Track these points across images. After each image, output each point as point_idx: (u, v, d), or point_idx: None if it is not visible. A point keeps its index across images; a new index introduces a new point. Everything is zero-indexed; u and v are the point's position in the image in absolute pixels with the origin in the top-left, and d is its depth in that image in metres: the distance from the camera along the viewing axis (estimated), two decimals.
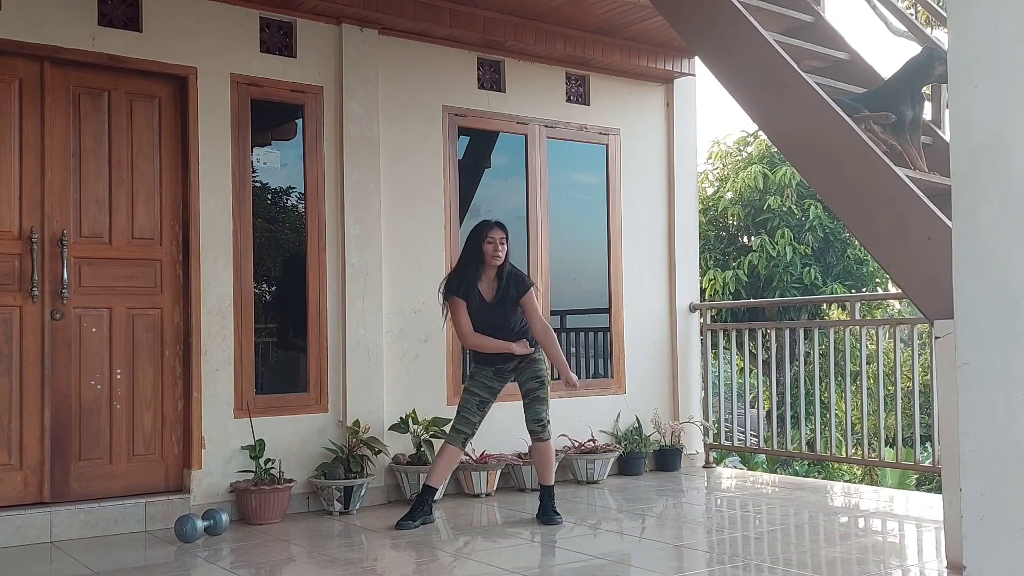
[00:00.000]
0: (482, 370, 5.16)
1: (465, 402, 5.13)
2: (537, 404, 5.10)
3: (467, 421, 5.10)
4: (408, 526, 4.91)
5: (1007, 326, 1.94)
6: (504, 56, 6.43)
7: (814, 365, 6.70)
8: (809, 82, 4.36)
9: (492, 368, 5.16)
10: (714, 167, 12.09)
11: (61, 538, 4.77)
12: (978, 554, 1.97)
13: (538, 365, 5.15)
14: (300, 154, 5.69)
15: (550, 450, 5.17)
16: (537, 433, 5.11)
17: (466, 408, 5.11)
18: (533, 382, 5.12)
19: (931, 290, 3.85)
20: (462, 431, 5.09)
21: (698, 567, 4.25)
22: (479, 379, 5.14)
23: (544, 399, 5.11)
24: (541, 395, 5.11)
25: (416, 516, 4.97)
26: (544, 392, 5.12)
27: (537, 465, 5.21)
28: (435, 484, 5.10)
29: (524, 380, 5.15)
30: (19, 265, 4.89)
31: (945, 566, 4.05)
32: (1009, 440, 1.92)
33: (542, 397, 5.11)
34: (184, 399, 5.26)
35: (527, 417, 5.13)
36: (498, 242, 5.06)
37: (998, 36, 1.98)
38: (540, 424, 5.09)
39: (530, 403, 5.12)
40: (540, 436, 5.11)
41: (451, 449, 5.09)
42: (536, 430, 5.10)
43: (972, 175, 2.01)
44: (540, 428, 5.09)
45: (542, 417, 5.09)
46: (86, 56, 5.01)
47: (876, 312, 10.85)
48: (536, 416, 5.10)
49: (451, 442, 5.09)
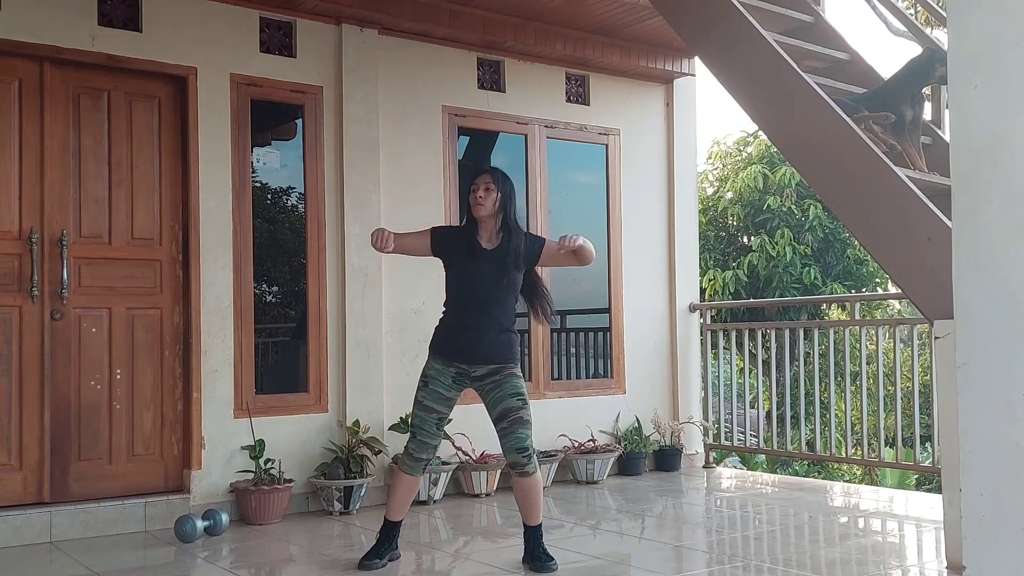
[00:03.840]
0: (441, 373, 4.05)
1: (421, 421, 4.07)
2: (520, 428, 4.00)
3: (425, 446, 4.08)
4: (374, 565, 4.09)
5: (1007, 326, 1.94)
6: (504, 56, 6.43)
7: (814, 365, 6.70)
8: (809, 82, 4.36)
9: (454, 369, 4.05)
10: (714, 167, 12.10)
11: (61, 538, 4.77)
12: (978, 554, 1.97)
13: (517, 380, 4.06)
14: (300, 154, 5.69)
15: (538, 485, 4.08)
16: (521, 466, 4.01)
17: (422, 429, 4.07)
18: (514, 400, 4.01)
19: (931, 290, 3.85)
20: (421, 458, 4.10)
21: (698, 567, 4.25)
22: (436, 388, 4.05)
23: (528, 422, 4.02)
24: (524, 416, 4.01)
25: (383, 553, 4.15)
26: (528, 414, 4.03)
27: (521, 505, 4.10)
28: (397, 518, 4.21)
29: (499, 397, 4.02)
30: (19, 265, 4.89)
31: (945, 566, 4.04)
32: (1009, 440, 1.92)
33: (525, 419, 4.01)
34: (184, 399, 5.26)
35: (506, 445, 4.02)
36: (481, 188, 4.10)
37: (998, 36, 1.98)
38: (525, 454, 4.00)
39: (509, 427, 4.00)
40: (524, 469, 4.01)
41: (409, 479, 4.15)
42: (520, 462, 4.00)
43: (972, 175, 2.01)
44: (525, 459, 4.00)
45: (526, 445, 4.00)
46: (86, 56, 5.01)
47: (876, 312, 10.86)
48: (519, 444, 3.99)
49: (410, 471, 4.13)
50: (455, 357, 4.05)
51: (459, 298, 4.09)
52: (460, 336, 4.06)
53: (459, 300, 4.09)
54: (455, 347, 4.05)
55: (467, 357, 4.04)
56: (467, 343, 4.04)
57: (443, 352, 4.08)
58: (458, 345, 4.05)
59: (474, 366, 4.04)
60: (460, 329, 4.07)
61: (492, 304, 4.04)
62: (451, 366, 4.05)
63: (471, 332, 4.04)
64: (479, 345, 4.03)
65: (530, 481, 4.05)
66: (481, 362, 4.04)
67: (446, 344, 4.08)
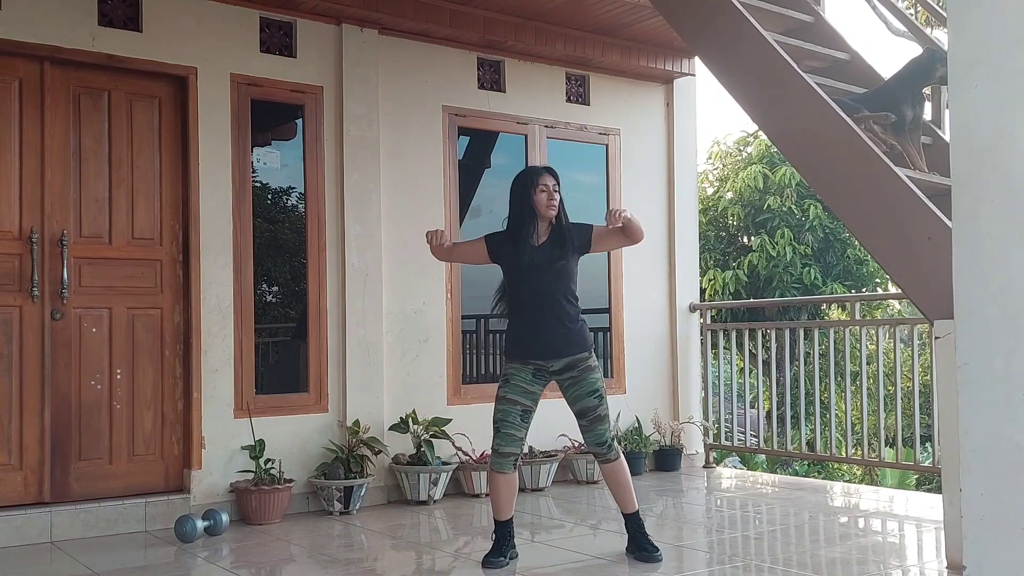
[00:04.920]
0: (519, 371, 4.12)
1: (504, 414, 4.08)
2: (598, 425, 4.15)
3: (511, 438, 4.07)
4: (499, 563, 4.08)
5: (1007, 326, 1.94)
6: (504, 56, 6.43)
7: (814, 365, 6.70)
8: (809, 82, 4.36)
9: (532, 367, 4.13)
10: (714, 167, 12.10)
11: (61, 538, 4.77)
12: (978, 554, 1.97)
13: (594, 375, 4.15)
14: (300, 154, 5.69)
15: (624, 469, 4.22)
16: (603, 455, 4.19)
17: (506, 422, 4.08)
18: (591, 399, 4.14)
19: (931, 290, 3.85)
20: (508, 453, 4.08)
21: (698, 567, 4.25)
22: (517, 383, 4.11)
23: (605, 417, 4.17)
24: (602, 413, 4.15)
25: (504, 551, 4.13)
26: (605, 409, 4.17)
27: (612, 490, 4.27)
28: (505, 517, 4.16)
29: (577, 395, 4.15)
30: (19, 265, 4.89)
31: (945, 566, 4.04)
32: (1009, 440, 1.92)
33: (603, 415, 4.15)
34: (184, 399, 5.26)
35: (587, 439, 4.22)
36: (551, 189, 4.17)
37: (998, 37, 1.98)
38: (605, 446, 4.17)
39: (589, 425, 4.16)
40: (607, 456, 4.18)
41: (504, 478, 4.11)
42: (601, 452, 4.19)
43: (972, 175, 2.01)
44: (606, 450, 4.18)
45: (605, 439, 4.16)
46: (86, 56, 5.01)
47: (876, 312, 10.85)
48: (599, 439, 4.16)
49: (500, 469, 4.09)
50: (530, 356, 4.12)
51: (520, 298, 4.14)
52: (528, 334, 4.12)
53: (520, 300, 4.15)
54: (527, 346, 4.11)
55: (540, 354, 4.10)
56: (537, 340, 4.10)
57: (517, 354, 4.14)
58: (529, 344, 4.11)
59: (549, 361, 4.12)
60: (527, 328, 4.13)
61: (552, 299, 4.10)
62: (528, 364, 4.12)
63: (539, 330, 4.10)
64: (548, 341, 4.09)
65: (614, 466, 4.20)
66: (554, 357, 4.11)
67: (518, 345, 4.14)
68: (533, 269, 4.08)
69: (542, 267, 4.08)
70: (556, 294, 4.10)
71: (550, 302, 4.09)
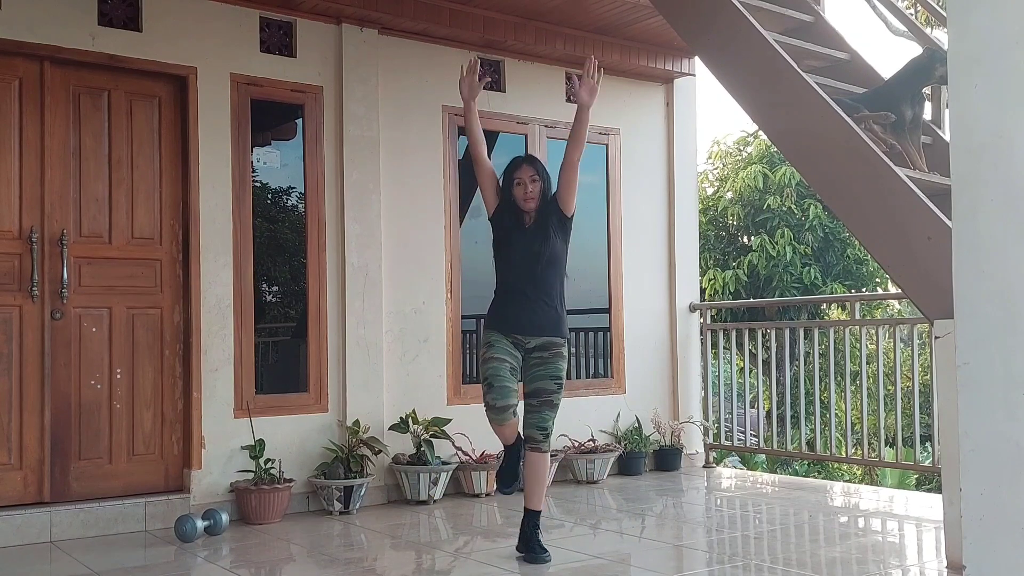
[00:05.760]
0: (500, 339, 4.17)
1: (495, 369, 4.11)
2: (547, 409, 4.20)
3: (506, 391, 4.11)
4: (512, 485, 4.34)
5: (1007, 326, 1.94)
6: (504, 56, 6.43)
7: (814, 365, 6.70)
8: (809, 82, 4.36)
9: (511, 339, 4.19)
10: (714, 167, 12.09)
11: (61, 538, 4.77)
12: (978, 554, 1.97)
13: (562, 363, 4.23)
14: (300, 154, 5.69)
15: (546, 464, 4.28)
16: (537, 442, 4.20)
17: (499, 375, 4.11)
18: (551, 383, 4.19)
19: (931, 290, 3.85)
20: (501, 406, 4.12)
21: (698, 567, 4.25)
22: (499, 346, 4.17)
23: (556, 406, 4.22)
24: (555, 400, 4.21)
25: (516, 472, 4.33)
26: (559, 398, 4.23)
27: (527, 481, 4.23)
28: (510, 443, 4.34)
29: (541, 375, 4.19)
30: (19, 265, 4.89)
31: (945, 566, 4.05)
32: (1009, 440, 1.92)
33: (555, 403, 4.21)
34: (184, 399, 5.26)
35: (529, 421, 4.22)
36: (527, 182, 4.21)
37: (998, 36, 1.98)
38: (544, 432, 4.20)
39: (539, 406, 4.20)
40: (540, 446, 4.21)
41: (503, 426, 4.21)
42: (537, 438, 4.20)
43: (972, 175, 2.01)
44: (542, 437, 4.20)
45: (547, 425, 4.20)
46: (86, 56, 5.01)
47: (876, 312, 10.85)
48: (541, 423, 4.19)
49: (501, 423, 4.19)
50: (511, 329, 4.20)
51: (509, 279, 4.25)
52: (513, 309, 4.21)
53: (509, 280, 4.25)
54: (510, 320, 4.20)
55: (523, 329, 4.19)
56: (521, 315, 4.19)
57: (498, 326, 4.22)
58: (514, 317, 4.19)
59: (528, 337, 4.20)
60: (511, 303, 4.22)
61: (538, 280, 4.19)
62: (508, 336, 4.20)
63: (523, 304, 4.20)
64: (532, 317, 4.19)
65: (542, 457, 4.22)
66: (535, 333, 4.20)
67: (501, 318, 4.23)
68: (523, 252, 4.20)
69: (530, 250, 4.19)
70: (545, 278, 4.20)
71: (539, 284, 4.20)
